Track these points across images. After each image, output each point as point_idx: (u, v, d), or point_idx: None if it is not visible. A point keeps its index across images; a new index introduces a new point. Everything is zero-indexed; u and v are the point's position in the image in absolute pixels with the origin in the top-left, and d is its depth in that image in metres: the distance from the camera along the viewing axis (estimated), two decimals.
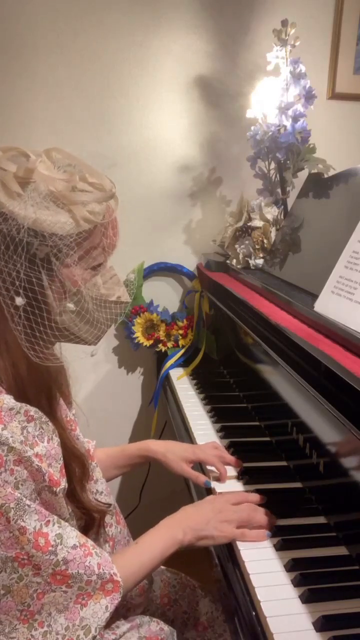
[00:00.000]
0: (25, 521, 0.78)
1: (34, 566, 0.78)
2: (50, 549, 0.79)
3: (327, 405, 0.95)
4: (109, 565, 0.85)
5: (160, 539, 0.97)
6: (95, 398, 1.99)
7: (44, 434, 0.83)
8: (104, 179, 0.89)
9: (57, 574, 0.80)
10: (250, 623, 0.87)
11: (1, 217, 0.81)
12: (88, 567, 0.82)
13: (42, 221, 0.81)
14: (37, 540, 0.78)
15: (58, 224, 0.82)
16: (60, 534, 0.81)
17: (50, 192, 0.82)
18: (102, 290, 0.91)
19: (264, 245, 1.61)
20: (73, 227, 0.83)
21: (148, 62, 1.83)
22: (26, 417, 0.81)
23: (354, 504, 0.96)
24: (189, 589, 1.17)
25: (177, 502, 1.12)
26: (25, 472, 0.79)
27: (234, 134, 1.89)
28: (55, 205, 0.82)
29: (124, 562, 0.91)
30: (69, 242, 0.83)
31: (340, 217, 1.31)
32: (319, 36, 1.87)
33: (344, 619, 0.83)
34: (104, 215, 0.87)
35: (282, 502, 1.13)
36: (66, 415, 0.99)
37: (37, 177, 0.82)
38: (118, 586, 0.85)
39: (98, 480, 1.05)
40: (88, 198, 0.84)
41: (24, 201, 0.81)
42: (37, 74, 1.78)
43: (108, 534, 1.03)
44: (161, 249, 1.95)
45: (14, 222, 0.80)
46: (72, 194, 0.83)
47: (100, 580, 0.83)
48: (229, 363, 1.83)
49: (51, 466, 0.83)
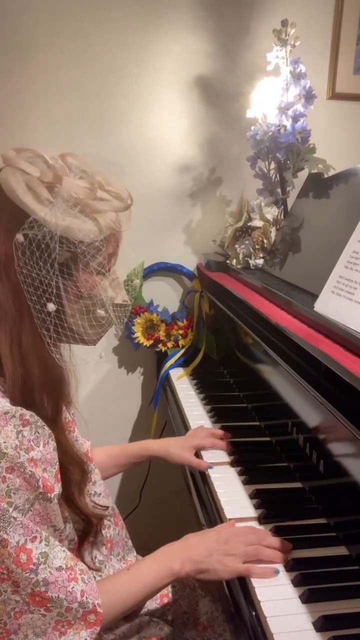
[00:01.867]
0: (9, 534, 0.76)
1: (13, 582, 0.76)
2: (31, 567, 0.76)
3: (327, 405, 0.95)
4: (93, 595, 0.82)
5: (154, 568, 0.92)
6: (95, 398, 1.99)
7: (40, 438, 0.82)
8: (122, 188, 0.91)
9: (36, 594, 0.77)
10: (250, 623, 0.87)
11: (34, 222, 0.82)
12: (70, 592, 0.79)
13: (71, 229, 0.83)
14: (19, 556, 0.76)
15: (85, 232, 0.84)
16: (45, 553, 0.78)
17: (74, 200, 0.84)
18: (109, 292, 0.92)
19: (264, 245, 1.61)
20: (97, 234, 0.85)
21: (148, 62, 1.83)
22: (21, 421, 0.80)
23: (354, 504, 0.96)
24: (188, 588, 1.17)
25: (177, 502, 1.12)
26: (18, 480, 0.77)
27: (234, 134, 1.89)
28: (80, 212, 0.84)
29: (111, 588, 0.88)
30: (92, 249, 0.85)
31: (340, 217, 1.31)
32: (319, 36, 1.87)
33: (344, 619, 0.83)
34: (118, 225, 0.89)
35: (282, 502, 1.13)
36: (65, 417, 0.98)
37: (64, 183, 0.83)
38: (100, 619, 0.82)
39: (96, 482, 1.04)
40: (108, 207, 0.87)
41: (55, 208, 0.82)
42: (37, 74, 1.78)
43: (105, 536, 1.02)
44: (161, 249, 1.95)
45: (45, 228, 0.82)
46: (94, 202, 0.85)
47: (82, 609, 0.80)
48: (229, 363, 1.83)
49: (46, 471, 0.82)
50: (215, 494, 1.17)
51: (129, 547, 1.15)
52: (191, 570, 0.92)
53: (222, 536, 0.97)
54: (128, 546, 1.14)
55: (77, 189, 0.84)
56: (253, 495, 1.15)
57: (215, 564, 0.92)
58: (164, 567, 0.92)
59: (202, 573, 0.93)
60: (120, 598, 0.87)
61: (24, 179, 0.83)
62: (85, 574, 0.83)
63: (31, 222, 0.82)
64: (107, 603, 0.84)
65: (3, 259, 0.84)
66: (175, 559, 0.93)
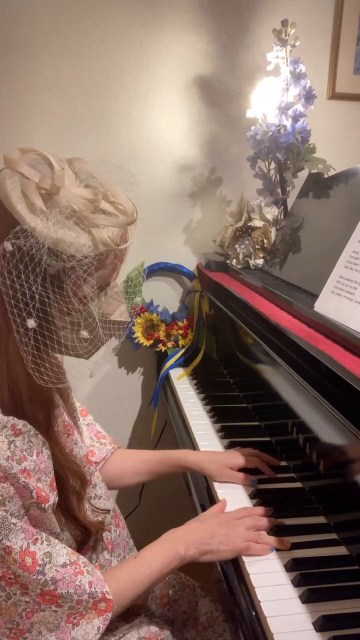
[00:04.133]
0: (11, 540, 0.76)
1: (22, 585, 0.77)
2: (37, 569, 0.77)
3: (327, 405, 0.95)
4: (100, 584, 0.83)
5: (160, 553, 0.94)
6: (95, 398, 1.99)
7: (33, 447, 0.82)
8: (128, 202, 0.86)
9: (46, 594, 0.78)
10: (250, 623, 0.87)
11: (21, 232, 0.77)
12: (79, 586, 0.80)
13: (62, 242, 0.78)
14: (24, 560, 0.76)
15: (77, 246, 0.78)
16: (49, 552, 0.79)
17: (72, 211, 0.79)
18: (103, 308, 0.88)
19: (264, 245, 1.61)
20: (91, 249, 0.80)
21: (148, 62, 1.83)
22: (13, 431, 0.79)
23: (354, 504, 0.96)
24: (188, 588, 1.17)
25: (177, 502, 1.12)
26: (11, 488, 0.77)
27: (234, 134, 1.89)
28: (76, 225, 0.79)
29: (120, 576, 0.89)
30: (84, 264, 0.80)
31: (340, 217, 1.31)
32: (319, 36, 1.87)
33: (344, 619, 0.83)
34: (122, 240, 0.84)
35: (282, 502, 1.13)
36: (63, 420, 0.97)
37: (62, 193, 0.79)
38: (111, 605, 0.83)
39: (97, 485, 1.03)
40: (109, 222, 0.81)
41: (47, 218, 0.77)
42: (38, 74, 1.78)
43: (107, 539, 1.02)
44: (161, 249, 1.95)
45: (32, 239, 0.77)
46: (93, 215, 0.80)
47: (92, 599, 0.81)
48: (229, 363, 1.83)
49: (40, 480, 0.82)
50: (215, 493, 1.17)
51: (130, 546, 1.15)
52: (196, 553, 0.95)
53: (223, 519, 1.01)
54: (129, 546, 1.14)
55: (76, 200, 0.79)
56: (253, 495, 1.15)
57: (218, 544, 0.96)
58: (170, 552, 0.94)
59: (206, 554, 0.96)
60: (129, 586, 0.89)
61: (20, 184, 0.79)
62: (89, 565, 0.84)
63: (20, 230, 0.77)
64: (117, 592, 0.85)
65: None
66: (179, 543, 0.95)
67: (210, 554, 0.97)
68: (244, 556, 0.98)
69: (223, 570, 1.01)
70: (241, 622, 0.89)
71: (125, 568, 0.92)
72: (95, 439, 1.21)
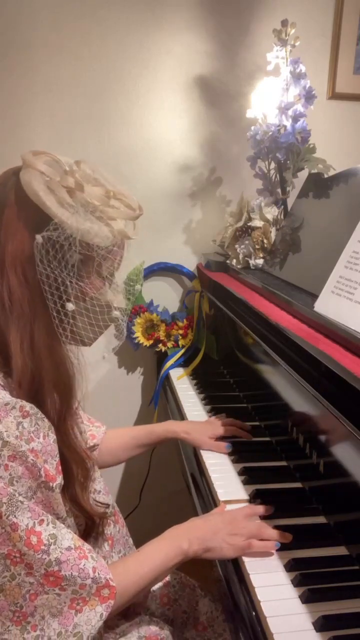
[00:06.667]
0: (18, 517, 0.77)
1: (27, 565, 0.77)
2: (42, 548, 0.78)
3: (327, 405, 0.95)
4: (105, 570, 0.84)
5: (163, 549, 0.95)
6: (95, 398, 1.99)
7: (40, 430, 0.83)
8: (132, 198, 0.95)
9: (50, 574, 0.78)
10: (250, 623, 0.87)
11: (52, 225, 0.85)
12: (82, 569, 0.81)
13: (90, 233, 0.87)
14: (29, 538, 0.77)
15: (101, 237, 0.88)
16: (54, 534, 0.80)
17: (92, 205, 0.88)
18: (108, 296, 0.95)
19: (264, 245, 1.61)
20: (111, 239, 0.89)
21: (148, 62, 1.83)
22: (21, 413, 0.81)
23: (354, 504, 0.96)
24: (188, 588, 1.17)
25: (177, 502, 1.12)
26: (20, 468, 0.78)
27: (234, 134, 1.89)
28: (96, 217, 0.88)
29: (123, 570, 0.89)
30: (108, 253, 0.90)
31: (340, 217, 1.31)
32: (319, 36, 1.87)
33: (344, 619, 0.83)
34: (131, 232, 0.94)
35: (282, 502, 1.13)
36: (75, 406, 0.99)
37: (85, 190, 0.87)
38: (114, 592, 0.83)
39: (96, 479, 1.04)
40: (123, 215, 0.91)
41: (75, 211, 0.86)
42: (38, 74, 1.78)
43: (107, 533, 1.03)
44: (161, 249, 1.95)
45: (63, 231, 0.85)
46: (108, 208, 0.89)
47: (96, 584, 0.82)
48: (229, 363, 1.83)
49: (47, 462, 0.83)
50: (215, 494, 1.17)
51: (130, 545, 1.15)
52: (199, 549, 0.96)
53: (226, 517, 1.03)
54: (129, 544, 1.15)
55: (95, 196, 0.88)
56: (253, 495, 1.16)
57: (221, 542, 0.98)
58: (173, 547, 0.95)
59: (208, 552, 0.97)
60: (132, 580, 0.89)
61: (44, 181, 0.87)
62: (93, 552, 0.85)
63: (53, 224, 0.85)
64: (120, 584, 0.85)
65: (22, 259, 0.86)
66: (183, 538, 0.96)
67: (213, 551, 0.98)
68: (244, 556, 0.98)
69: (223, 570, 1.01)
70: (241, 622, 0.89)
71: (128, 562, 0.93)
72: (89, 425, 1.28)
